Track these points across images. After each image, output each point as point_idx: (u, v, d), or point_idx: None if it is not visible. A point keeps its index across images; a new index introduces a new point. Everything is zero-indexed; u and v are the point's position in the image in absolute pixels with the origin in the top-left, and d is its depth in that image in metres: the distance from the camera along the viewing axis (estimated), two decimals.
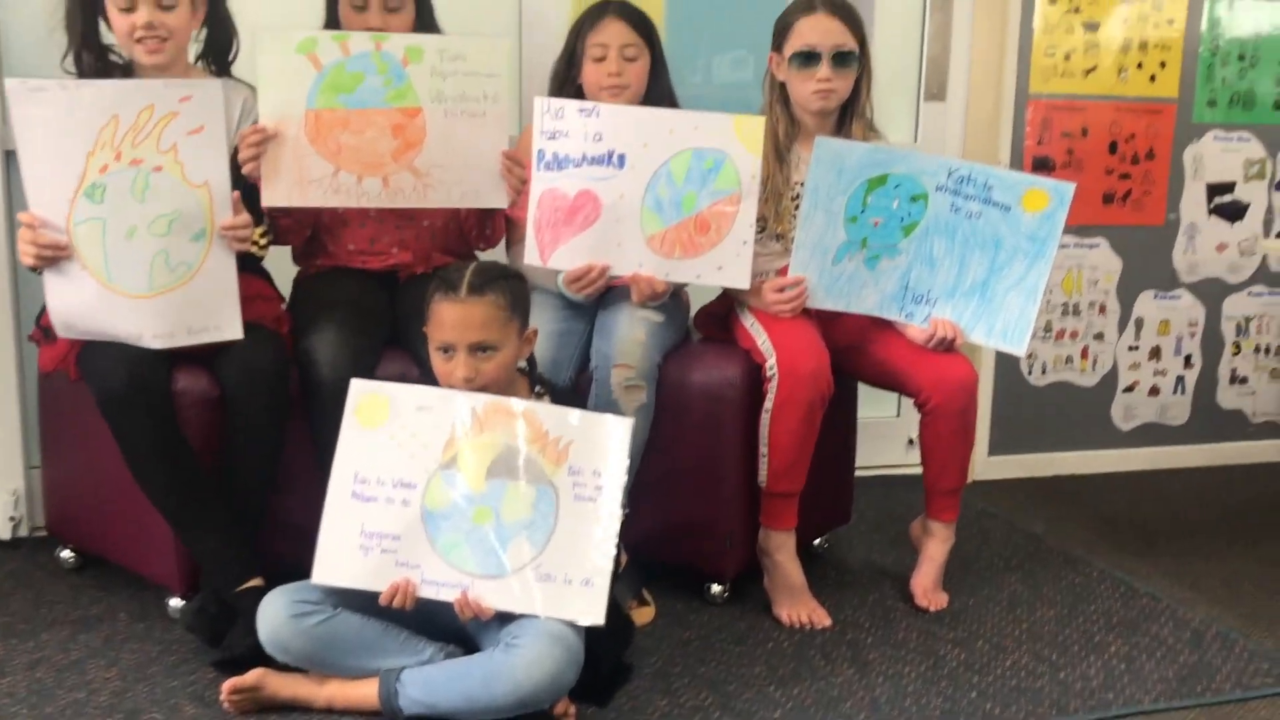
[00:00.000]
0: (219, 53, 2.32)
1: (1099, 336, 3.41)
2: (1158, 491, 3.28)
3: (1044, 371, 3.38)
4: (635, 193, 2.25)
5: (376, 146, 2.21)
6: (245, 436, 2.11)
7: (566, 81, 2.47)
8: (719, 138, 2.25)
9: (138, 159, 2.02)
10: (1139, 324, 3.44)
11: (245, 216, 2.10)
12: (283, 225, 2.33)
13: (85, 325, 2.08)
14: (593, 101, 2.31)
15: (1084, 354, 3.40)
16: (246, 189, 2.15)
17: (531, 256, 2.28)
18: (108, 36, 2.21)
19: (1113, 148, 3.30)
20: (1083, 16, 3.21)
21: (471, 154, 2.24)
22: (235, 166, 2.14)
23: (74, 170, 2.00)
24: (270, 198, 2.20)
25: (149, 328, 2.07)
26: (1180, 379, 3.52)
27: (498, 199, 2.29)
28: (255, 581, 2.07)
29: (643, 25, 2.43)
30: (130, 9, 2.11)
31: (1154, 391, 3.49)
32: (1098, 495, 3.24)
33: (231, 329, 2.11)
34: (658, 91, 2.47)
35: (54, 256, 2.02)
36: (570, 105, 2.26)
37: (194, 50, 2.30)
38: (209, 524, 2.09)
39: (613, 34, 2.39)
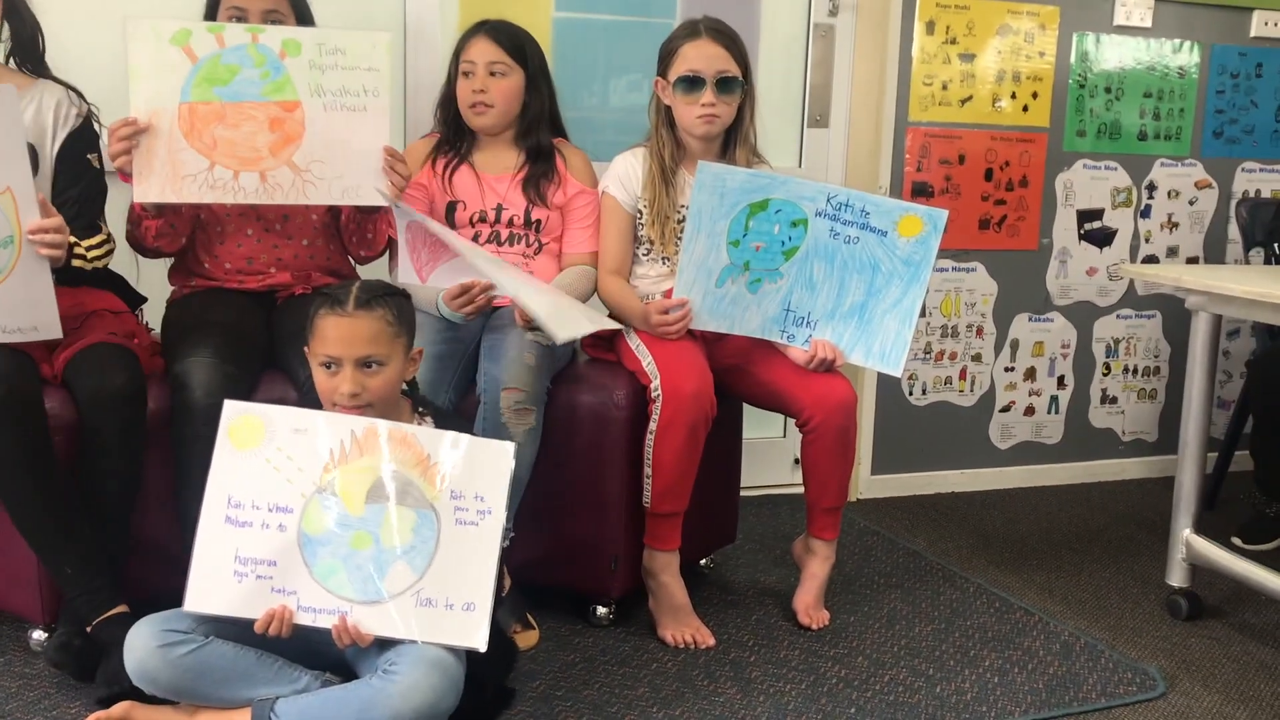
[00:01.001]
0: (27, 48, 2.23)
1: (977, 358, 3.51)
2: (1033, 508, 3.39)
3: (924, 392, 3.46)
4: None
5: (253, 141, 2.16)
6: (99, 460, 2.04)
7: (448, 101, 2.50)
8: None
9: None
10: (1014, 345, 3.55)
11: (55, 220, 2.00)
12: (154, 229, 2.24)
13: None
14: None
15: (963, 375, 3.50)
16: (83, 197, 2.07)
17: (408, 275, 2.25)
18: None
19: (988, 175, 3.41)
20: (959, 48, 3.31)
21: (352, 149, 2.20)
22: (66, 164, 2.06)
23: None
24: (143, 194, 2.13)
25: None
26: (1054, 399, 3.64)
27: (379, 196, 2.23)
28: (120, 609, 2.01)
29: (514, 44, 2.44)
30: None
31: (1029, 411, 3.61)
32: (976, 512, 3.32)
33: (49, 329, 2.02)
34: (536, 110, 2.49)
35: None
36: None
37: (2, 49, 2.22)
38: (73, 548, 2.01)
39: (479, 51, 2.42)
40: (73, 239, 2.06)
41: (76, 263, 2.09)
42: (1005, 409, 3.57)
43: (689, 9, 3.05)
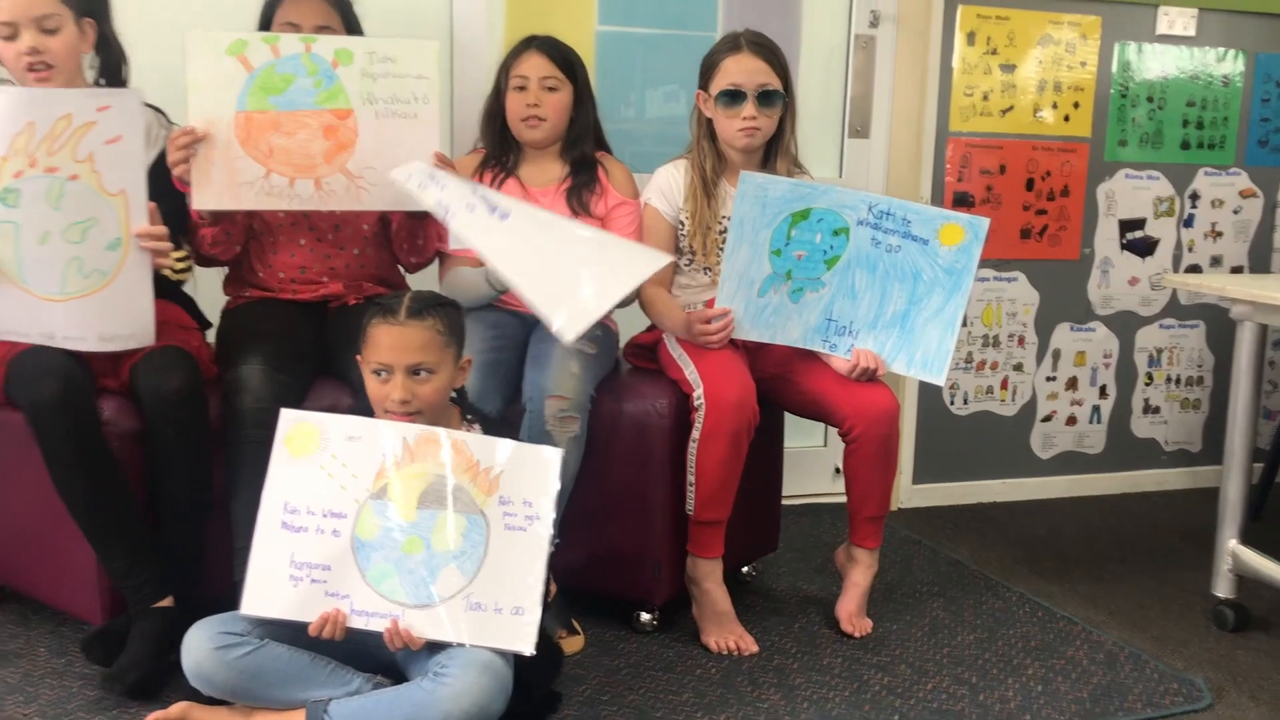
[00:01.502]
0: (112, 75, 2.30)
1: (1018, 367, 3.50)
2: (1075, 518, 3.38)
3: (966, 401, 3.46)
4: None
5: (308, 148, 2.21)
6: (164, 461, 2.11)
7: (495, 115, 2.53)
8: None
9: (53, 167, 2.03)
10: (1056, 355, 3.54)
11: (162, 227, 2.09)
12: (210, 236, 2.29)
13: None
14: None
15: (1004, 384, 3.50)
16: (169, 215, 2.15)
17: (458, 240, 2.24)
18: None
19: (1029, 184, 3.41)
20: (1000, 59, 3.32)
21: (404, 155, 2.24)
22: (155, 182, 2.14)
23: None
24: (201, 201, 2.19)
25: (60, 329, 2.07)
26: (1096, 409, 3.62)
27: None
28: (164, 603, 2.07)
29: (564, 60, 2.49)
30: (12, 36, 2.11)
31: (1071, 421, 3.59)
32: (1018, 522, 3.32)
33: (144, 337, 2.11)
34: (582, 124, 2.53)
35: None
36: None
37: (90, 76, 2.29)
38: (124, 541, 2.07)
39: (532, 66, 2.46)
40: None
41: (164, 271, 2.16)
42: (1047, 418, 3.56)
43: (730, 21, 3.08)
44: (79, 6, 2.17)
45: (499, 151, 2.55)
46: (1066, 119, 3.42)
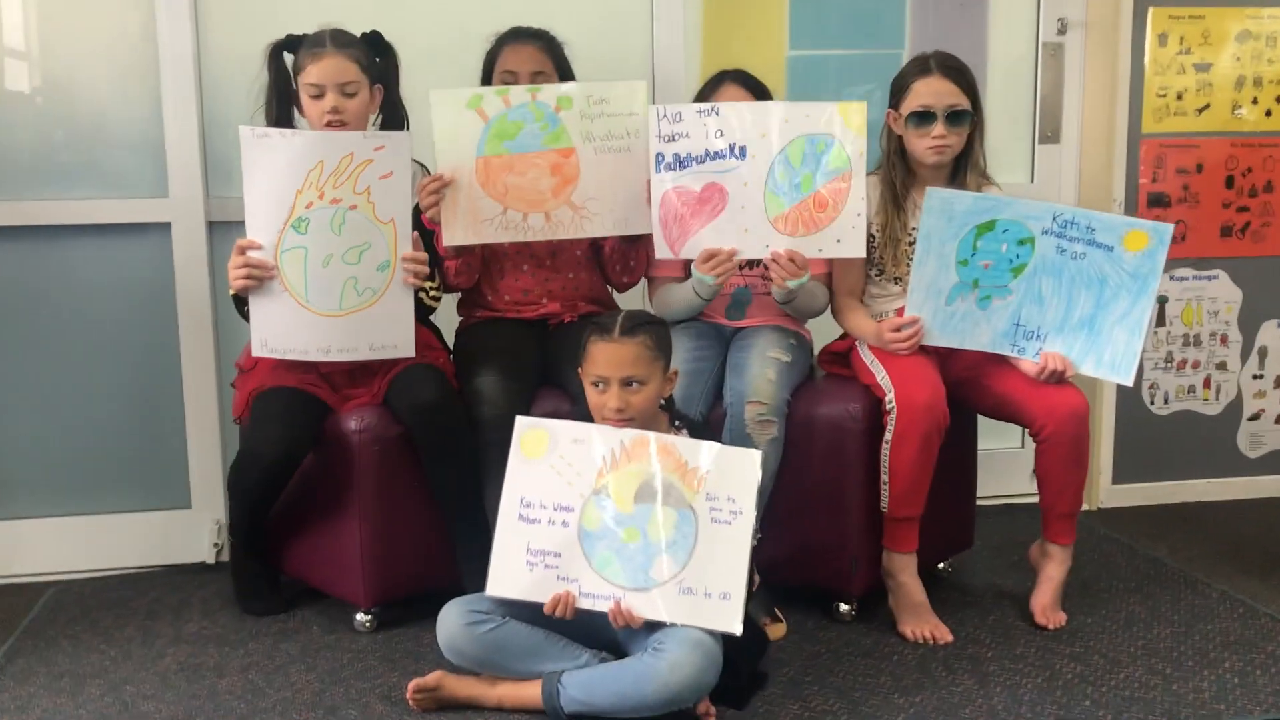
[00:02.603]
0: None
1: (1221, 366, 3.47)
2: None
3: (1166, 401, 3.46)
4: (757, 179, 2.48)
5: (538, 185, 2.50)
6: (429, 462, 2.43)
7: None
8: (827, 124, 2.48)
9: (337, 198, 2.39)
10: (1263, 353, 3.49)
11: (423, 254, 2.43)
12: (454, 268, 2.60)
13: (280, 343, 2.43)
14: (709, 103, 2.55)
15: (1206, 383, 3.47)
16: (429, 251, 2.48)
17: (662, 251, 2.52)
18: (298, 122, 2.56)
19: (1229, 182, 3.38)
20: (1194, 58, 3.31)
21: (620, 186, 2.52)
22: (421, 231, 2.48)
23: (285, 205, 2.39)
24: (451, 238, 2.50)
25: (336, 343, 2.43)
26: None
27: (645, 224, 2.53)
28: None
29: (757, 88, 2.67)
30: (319, 96, 2.46)
31: None
32: (1224, 522, 3.29)
33: (406, 348, 2.45)
34: None
35: (260, 276, 2.39)
36: (688, 108, 2.51)
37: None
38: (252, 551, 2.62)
39: (730, 97, 2.64)
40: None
41: (423, 295, 2.49)
42: (1254, 417, 3.51)
43: (917, 37, 3.20)
44: (373, 75, 2.53)
45: None
46: (1268, 114, 3.37)
